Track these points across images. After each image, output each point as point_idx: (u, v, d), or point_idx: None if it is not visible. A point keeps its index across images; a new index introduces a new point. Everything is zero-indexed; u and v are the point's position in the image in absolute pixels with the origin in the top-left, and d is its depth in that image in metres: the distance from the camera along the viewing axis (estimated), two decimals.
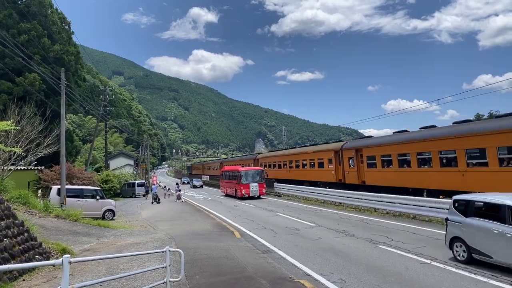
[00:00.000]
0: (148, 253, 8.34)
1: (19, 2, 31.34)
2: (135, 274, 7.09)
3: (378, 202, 17.75)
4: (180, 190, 32.38)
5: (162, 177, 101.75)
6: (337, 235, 12.33)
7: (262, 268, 8.29)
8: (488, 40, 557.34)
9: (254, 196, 28.34)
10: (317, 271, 8.14)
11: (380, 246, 10.26)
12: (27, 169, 22.31)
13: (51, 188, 19.69)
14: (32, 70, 24.87)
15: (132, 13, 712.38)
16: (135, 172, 57.60)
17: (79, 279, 7.28)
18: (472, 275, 7.35)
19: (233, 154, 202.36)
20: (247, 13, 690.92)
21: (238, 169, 30.70)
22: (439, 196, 15.97)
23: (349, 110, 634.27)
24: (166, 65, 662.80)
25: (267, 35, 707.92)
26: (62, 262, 4.00)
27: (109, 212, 20.17)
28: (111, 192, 35.34)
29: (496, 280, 6.99)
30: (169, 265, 6.26)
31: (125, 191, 40.01)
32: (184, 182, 64.20)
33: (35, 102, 26.47)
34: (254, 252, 10.13)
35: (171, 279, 6.27)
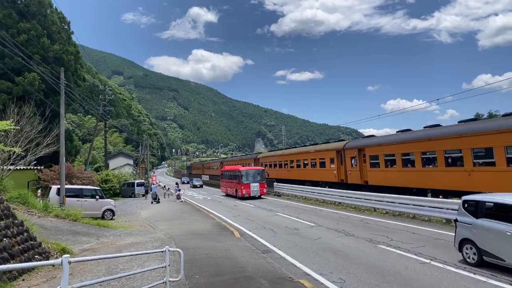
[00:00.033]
0: (147, 253, 8.35)
1: (19, 2, 31.31)
2: (134, 274, 7.10)
3: (378, 202, 17.73)
4: (179, 190, 32.36)
5: (161, 177, 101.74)
6: (336, 234, 12.34)
7: (261, 267, 8.29)
8: (488, 40, 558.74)
9: (255, 196, 28.11)
10: (317, 270, 8.15)
11: (380, 246, 10.27)
12: (27, 169, 22.32)
13: (51, 188, 19.69)
14: (32, 69, 24.85)
15: (132, 12, 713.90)
16: (134, 172, 57.58)
17: (78, 279, 7.28)
18: (471, 275, 7.36)
19: (232, 154, 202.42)
20: (246, 13, 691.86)
21: (239, 168, 30.42)
22: (438, 196, 15.96)
23: (348, 110, 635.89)
24: (166, 65, 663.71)
25: (266, 35, 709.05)
26: (61, 262, 3.99)
27: (109, 212, 20.18)
28: (111, 192, 35.33)
29: (495, 280, 7.00)
30: (169, 265, 6.26)
31: (125, 190, 40.00)
32: (184, 182, 64.13)
33: (35, 102, 26.46)
34: (254, 252, 10.13)
35: (171, 279, 6.27)
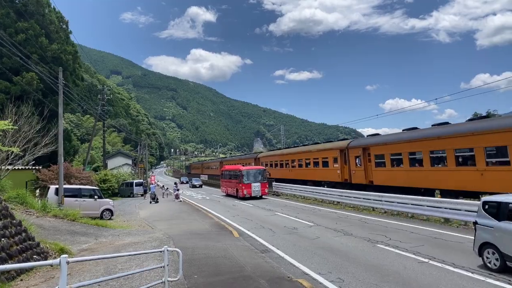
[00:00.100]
0: (146, 253, 8.34)
1: (17, 1, 31.24)
2: (133, 274, 7.10)
3: (376, 201, 17.74)
4: (178, 190, 32.33)
5: (160, 177, 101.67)
6: (335, 234, 12.35)
7: (260, 267, 8.29)
8: (486, 39, 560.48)
9: (256, 196, 27.54)
10: (315, 270, 8.15)
11: (378, 245, 10.29)
12: (25, 168, 22.27)
13: (49, 188, 19.64)
14: (30, 69, 24.79)
15: (130, 12, 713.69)
16: (133, 172, 57.51)
17: (77, 279, 7.27)
18: (469, 274, 7.38)
19: (231, 154, 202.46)
20: (245, 12, 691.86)
21: (240, 168, 29.87)
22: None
23: (347, 110, 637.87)
24: (164, 65, 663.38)
25: (265, 35, 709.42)
26: (59, 262, 3.99)
27: (107, 212, 20.16)
28: (109, 192, 35.29)
29: (493, 279, 7.02)
30: (167, 265, 6.25)
31: (123, 190, 39.95)
32: (183, 182, 64.04)
33: (33, 102, 26.36)
34: (253, 252, 10.13)
35: (169, 279, 6.27)
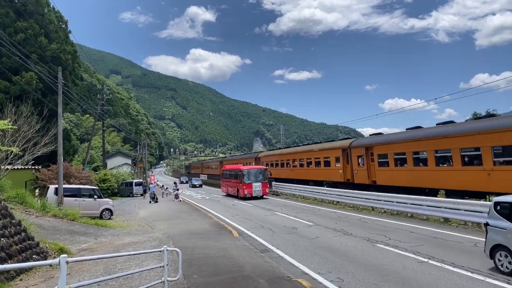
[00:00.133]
0: (145, 253, 8.34)
1: (16, 1, 31.21)
2: (132, 273, 7.10)
3: (376, 201, 17.77)
4: (178, 189, 32.32)
5: (160, 176, 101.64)
6: (335, 234, 12.35)
7: (260, 267, 8.29)
8: (485, 39, 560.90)
9: (257, 196, 27.12)
10: (315, 270, 8.16)
11: (378, 245, 10.29)
12: (24, 168, 22.25)
13: (49, 188, 19.63)
14: (29, 69, 24.78)
15: (130, 12, 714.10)
16: (132, 171, 57.48)
17: (76, 279, 7.27)
18: (469, 274, 7.37)
19: (231, 153, 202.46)
20: (244, 12, 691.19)
21: (240, 168, 29.45)
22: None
23: (346, 109, 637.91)
24: (164, 64, 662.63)
25: (265, 34, 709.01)
26: (59, 262, 3.99)
27: (107, 212, 20.15)
28: (109, 192, 35.28)
29: (492, 279, 7.02)
30: (167, 265, 6.25)
31: (123, 190, 39.94)
32: (183, 182, 63.96)
33: (32, 101, 26.32)
34: (252, 251, 10.13)
35: (169, 279, 6.27)
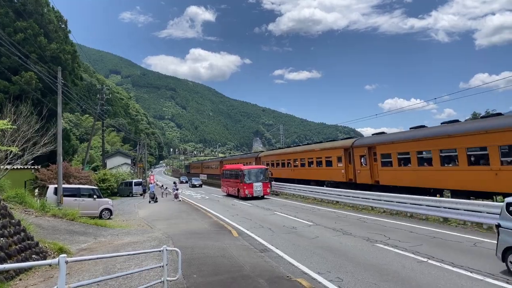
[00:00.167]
0: (145, 252, 8.33)
1: (15, 0, 31.16)
2: (132, 273, 7.10)
3: (375, 201, 17.80)
4: (177, 189, 32.32)
5: (159, 176, 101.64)
6: (334, 233, 12.36)
7: (259, 267, 8.29)
8: (485, 39, 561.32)
9: (258, 196, 26.86)
10: (315, 269, 8.16)
11: (377, 245, 10.30)
12: (24, 168, 22.22)
13: (48, 187, 19.62)
14: (29, 69, 24.75)
15: (130, 11, 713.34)
16: (132, 171, 57.49)
17: (76, 279, 7.27)
18: (468, 273, 7.38)
19: (230, 153, 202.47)
20: (244, 11, 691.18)
21: (241, 167, 29.15)
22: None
23: (346, 109, 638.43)
24: (164, 64, 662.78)
25: (264, 34, 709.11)
26: (58, 261, 3.99)
27: (106, 211, 20.15)
28: (108, 191, 35.28)
29: (492, 278, 7.03)
30: (166, 264, 6.25)
31: (122, 190, 39.93)
32: (183, 181, 63.82)
33: (32, 101, 26.30)
34: (252, 251, 10.14)
35: (169, 278, 6.27)
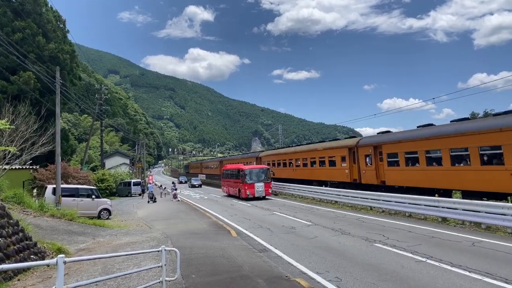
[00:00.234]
0: (144, 252, 8.31)
1: (14, 0, 31.08)
2: (131, 273, 7.07)
3: (374, 201, 17.81)
4: (176, 189, 32.30)
5: (158, 176, 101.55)
6: (333, 233, 12.37)
7: (258, 267, 8.29)
8: (483, 39, 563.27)
9: (259, 197, 26.37)
10: (313, 269, 8.16)
11: (376, 245, 10.30)
12: (22, 168, 22.17)
13: (46, 188, 19.59)
14: (27, 68, 24.70)
15: (128, 11, 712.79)
16: (131, 171, 57.46)
17: (74, 279, 7.26)
18: (467, 273, 7.39)
19: (229, 153, 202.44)
20: (243, 11, 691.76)
21: (242, 167, 28.65)
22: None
23: (345, 109, 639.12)
24: (162, 64, 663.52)
25: (263, 34, 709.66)
26: (56, 262, 3.97)
27: (105, 211, 20.13)
28: (107, 191, 35.23)
29: (490, 278, 7.04)
30: (165, 264, 6.23)
31: (121, 190, 39.90)
32: (182, 182, 63.50)
33: (30, 101, 26.26)
34: (250, 251, 10.13)
35: (167, 278, 6.25)
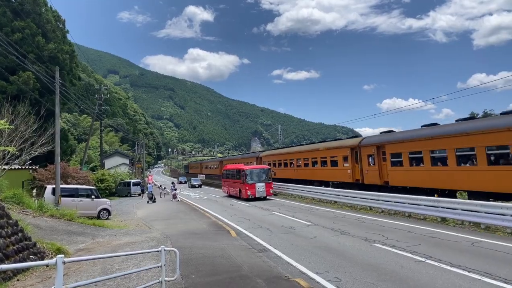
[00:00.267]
0: (143, 253, 8.31)
1: (13, 0, 31.07)
2: (130, 273, 7.08)
3: (373, 201, 17.81)
4: (175, 189, 32.27)
5: (157, 176, 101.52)
6: (332, 233, 12.37)
7: (257, 267, 8.29)
8: (483, 39, 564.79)
9: (260, 197, 26.10)
10: (313, 269, 8.16)
11: (375, 245, 10.30)
12: (22, 168, 22.15)
13: (46, 188, 19.58)
14: (26, 68, 24.69)
15: (128, 11, 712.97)
16: (130, 171, 57.44)
17: (73, 279, 7.26)
18: (466, 273, 7.39)
19: (229, 153, 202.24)
20: (243, 11, 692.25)
21: (243, 167, 28.36)
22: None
23: (345, 109, 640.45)
24: (162, 64, 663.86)
25: (263, 34, 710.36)
26: (56, 262, 3.97)
27: (104, 212, 20.12)
28: (107, 191, 35.23)
29: (489, 278, 7.04)
30: (165, 265, 6.23)
31: (121, 190, 39.88)
32: (181, 182, 63.28)
33: (30, 101, 26.26)
34: (250, 251, 10.13)
35: (167, 279, 6.25)
